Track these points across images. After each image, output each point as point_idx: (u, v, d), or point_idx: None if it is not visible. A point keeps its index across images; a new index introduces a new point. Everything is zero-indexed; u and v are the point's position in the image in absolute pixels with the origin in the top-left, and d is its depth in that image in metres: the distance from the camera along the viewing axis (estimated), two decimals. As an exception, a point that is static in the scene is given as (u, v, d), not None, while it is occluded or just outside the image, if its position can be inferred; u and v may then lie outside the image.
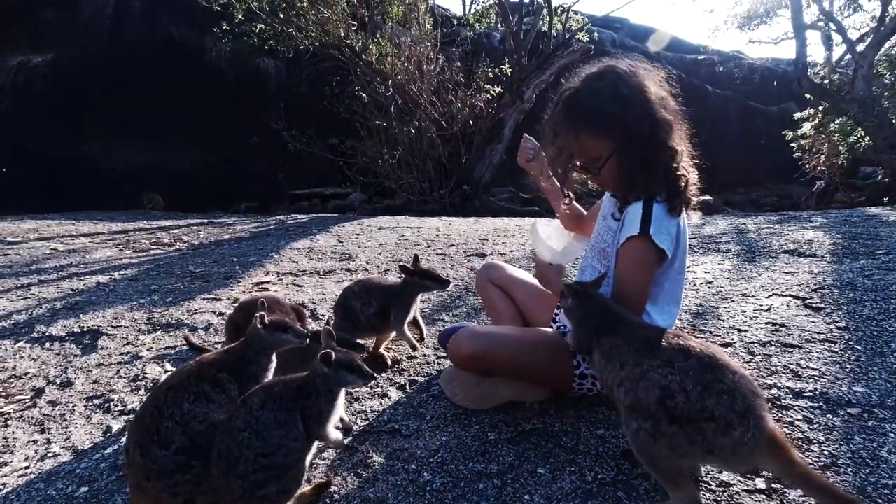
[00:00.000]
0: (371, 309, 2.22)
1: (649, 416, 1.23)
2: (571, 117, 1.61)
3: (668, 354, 1.28)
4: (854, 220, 4.19)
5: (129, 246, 5.53)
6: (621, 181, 1.64)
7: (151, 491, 1.44)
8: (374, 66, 9.87)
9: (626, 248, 1.58)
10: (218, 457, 1.40)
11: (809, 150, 13.13)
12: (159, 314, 3.28)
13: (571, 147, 1.64)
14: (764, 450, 1.17)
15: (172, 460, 1.44)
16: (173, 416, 1.49)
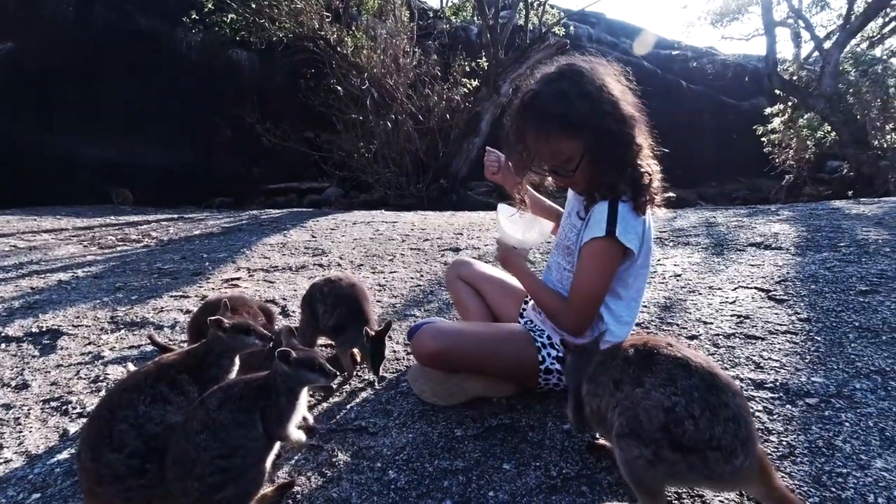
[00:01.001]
0: (330, 321, 2.15)
1: (651, 442, 1.16)
2: (538, 120, 1.57)
3: (669, 370, 1.21)
4: (819, 214, 4.29)
5: (95, 242, 5.37)
6: (593, 181, 1.61)
7: (103, 496, 1.38)
8: (350, 59, 9.76)
9: (589, 247, 1.58)
10: (173, 460, 1.36)
11: (779, 144, 13.46)
12: (124, 312, 3.18)
13: (541, 151, 1.61)
14: (755, 476, 1.17)
15: (125, 464, 1.38)
16: (127, 418, 1.44)
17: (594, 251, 1.57)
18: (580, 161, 1.57)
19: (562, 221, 1.83)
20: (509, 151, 1.71)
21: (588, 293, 1.60)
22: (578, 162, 1.57)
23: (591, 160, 1.57)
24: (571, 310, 1.64)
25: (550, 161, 1.62)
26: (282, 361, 1.44)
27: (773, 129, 13.49)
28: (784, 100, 13.23)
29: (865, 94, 11.81)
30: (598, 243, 1.55)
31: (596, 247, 1.56)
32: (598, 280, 1.58)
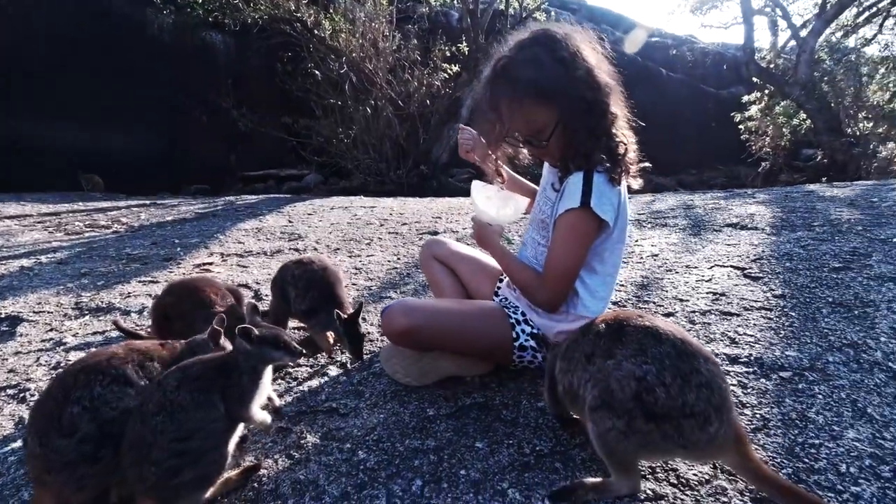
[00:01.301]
0: (302, 305, 2.09)
1: (624, 412, 1.14)
2: (512, 87, 1.50)
3: (639, 340, 1.19)
4: (794, 196, 4.33)
5: (61, 228, 5.18)
6: (567, 151, 1.56)
7: (53, 485, 1.29)
8: (328, 43, 9.56)
9: (564, 219, 1.53)
10: (129, 445, 1.28)
11: (756, 132, 13.64)
12: (89, 298, 3.07)
13: (513, 120, 1.54)
14: (730, 447, 1.15)
15: (77, 450, 1.29)
16: (81, 400, 1.35)
17: (569, 223, 1.52)
18: (553, 130, 1.51)
19: (537, 196, 1.79)
20: (482, 122, 1.63)
21: (563, 267, 1.56)
22: (552, 131, 1.51)
23: (564, 129, 1.51)
24: (546, 285, 1.59)
25: (524, 130, 1.56)
26: (243, 339, 1.37)
27: (750, 116, 13.67)
28: (761, 88, 13.40)
29: (839, 83, 12.02)
30: (572, 215, 1.50)
31: (571, 218, 1.51)
32: (572, 253, 1.54)
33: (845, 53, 12.34)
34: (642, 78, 16.09)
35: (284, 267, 2.24)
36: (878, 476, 1.24)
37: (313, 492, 1.38)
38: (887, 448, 1.32)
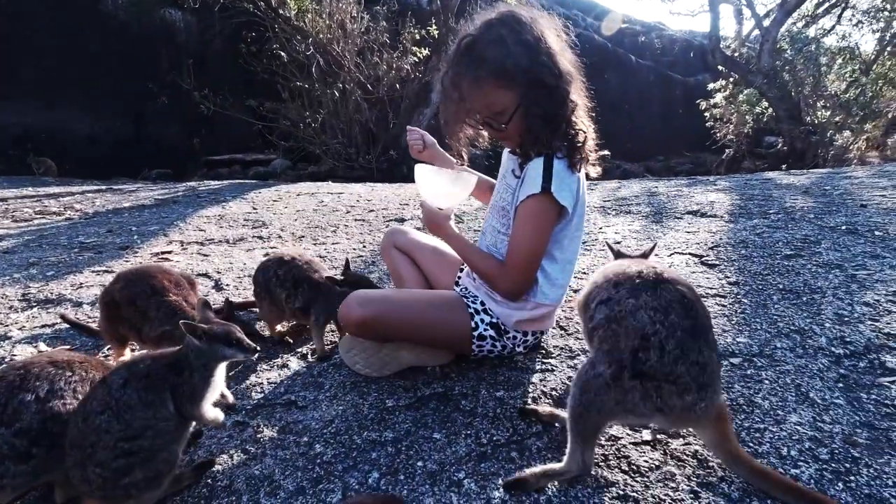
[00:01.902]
0: (298, 303, 2.02)
1: (615, 362, 1.17)
2: (475, 67, 1.48)
3: (668, 302, 1.19)
4: (753, 184, 4.45)
5: (8, 215, 4.94)
6: (526, 136, 1.56)
7: None
8: (293, 23, 9.30)
9: (525, 205, 1.54)
10: (70, 445, 1.23)
11: (720, 119, 13.93)
12: (37, 289, 2.94)
13: (474, 100, 1.53)
14: (709, 422, 1.19)
15: (9, 443, 1.21)
16: (36, 390, 1.27)
17: (530, 210, 1.53)
18: (513, 113, 1.51)
19: (497, 184, 1.77)
20: (444, 100, 1.61)
21: (526, 254, 1.56)
22: (511, 114, 1.51)
23: (524, 113, 1.51)
24: (509, 273, 1.60)
25: (483, 111, 1.55)
26: (192, 336, 1.33)
27: (715, 104, 13.94)
28: (726, 76, 13.66)
29: (799, 72, 12.34)
30: (533, 201, 1.51)
31: (532, 204, 1.52)
32: (535, 239, 1.55)
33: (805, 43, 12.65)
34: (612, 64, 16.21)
35: (264, 268, 2.13)
36: (817, 458, 1.29)
37: (268, 487, 1.37)
38: (826, 431, 1.37)
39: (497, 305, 1.70)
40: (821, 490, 1.20)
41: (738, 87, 13.28)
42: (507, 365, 1.78)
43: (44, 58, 10.46)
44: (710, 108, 14.00)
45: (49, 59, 10.49)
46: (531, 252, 1.56)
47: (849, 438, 1.34)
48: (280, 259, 2.11)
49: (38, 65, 10.43)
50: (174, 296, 1.84)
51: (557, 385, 1.65)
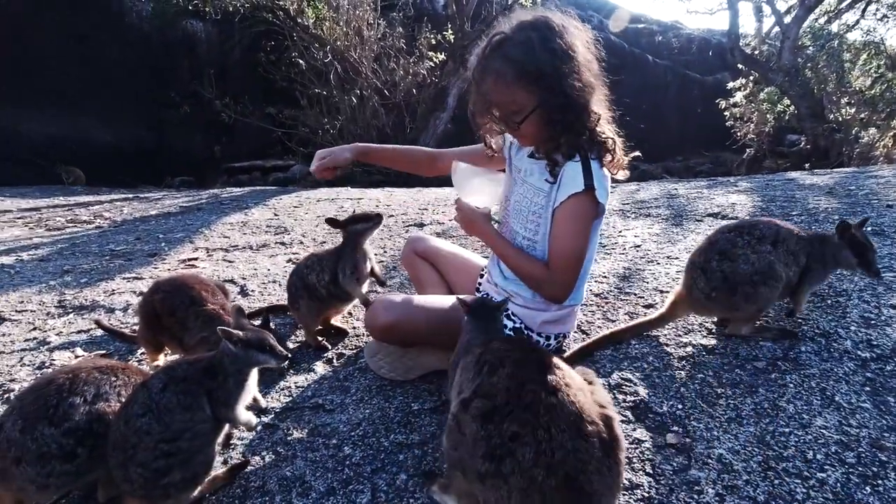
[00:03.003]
0: (326, 276, 2.11)
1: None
2: (500, 64, 1.53)
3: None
4: (774, 185, 4.40)
5: (41, 224, 5.11)
6: (540, 138, 1.60)
7: (18, 479, 1.26)
8: (312, 31, 9.44)
9: (567, 205, 1.56)
10: (113, 446, 1.29)
11: (740, 118, 13.73)
12: (72, 296, 3.05)
13: (494, 95, 1.56)
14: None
15: (58, 442, 1.27)
16: (84, 393, 1.35)
17: (573, 209, 1.56)
18: (528, 115, 1.53)
19: (516, 188, 1.77)
20: (473, 92, 1.64)
21: (571, 255, 1.59)
22: (526, 115, 1.54)
23: (539, 116, 1.54)
24: (555, 276, 1.62)
25: (501, 108, 1.58)
26: (228, 342, 1.39)
27: (735, 103, 13.75)
28: (746, 74, 13.47)
29: (822, 69, 12.11)
30: (576, 200, 1.54)
31: (575, 204, 1.55)
32: (580, 240, 1.58)
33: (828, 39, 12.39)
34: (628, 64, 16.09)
35: (296, 269, 2.25)
36: (843, 462, 1.29)
37: (300, 488, 1.41)
38: (852, 435, 1.37)
39: (521, 308, 1.73)
40: (847, 494, 1.20)
41: (759, 85, 13.09)
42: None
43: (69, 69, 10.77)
44: (730, 108, 13.81)
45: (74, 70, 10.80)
46: (576, 253, 1.59)
47: (876, 442, 1.34)
48: (311, 256, 2.24)
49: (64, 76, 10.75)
50: (211, 304, 1.92)
51: (580, 389, 1.66)
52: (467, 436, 1.07)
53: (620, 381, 1.68)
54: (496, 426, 1.04)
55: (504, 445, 1.01)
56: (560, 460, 0.98)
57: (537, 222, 1.67)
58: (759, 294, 1.73)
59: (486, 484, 1.03)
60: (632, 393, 1.62)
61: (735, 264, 1.75)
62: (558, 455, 0.98)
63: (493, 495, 1.02)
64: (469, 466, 1.06)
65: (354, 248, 2.10)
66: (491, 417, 1.05)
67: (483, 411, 1.07)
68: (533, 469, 0.98)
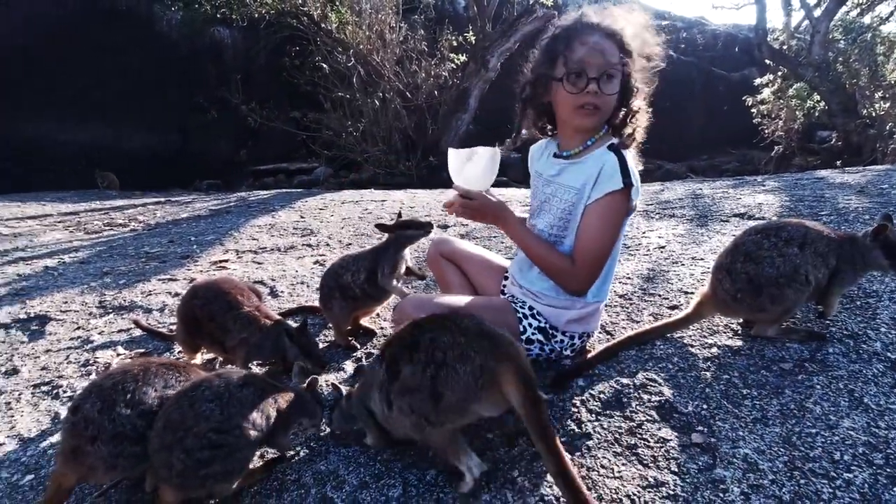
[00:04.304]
0: (361, 276, 2.18)
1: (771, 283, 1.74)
2: (600, 27, 1.60)
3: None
4: (803, 184, 4.32)
5: (80, 227, 5.33)
6: (608, 113, 1.66)
7: (90, 457, 1.35)
8: (335, 35, 9.59)
9: (603, 202, 1.61)
10: (164, 426, 1.35)
11: (768, 115, 13.43)
12: (112, 297, 3.19)
13: (599, 49, 1.57)
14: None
15: (133, 423, 1.38)
16: (154, 384, 1.46)
17: (608, 206, 1.60)
18: (627, 79, 1.61)
19: (540, 189, 1.80)
20: (544, 66, 1.66)
21: (599, 250, 1.64)
22: (627, 78, 1.61)
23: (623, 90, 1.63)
24: (579, 270, 1.66)
25: (605, 66, 1.56)
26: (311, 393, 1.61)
27: (762, 99, 13.44)
28: (774, 70, 13.17)
29: (854, 63, 11.77)
30: (612, 198, 1.59)
31: (610, 201, 1.59)
32: (609, 236, 1.63)
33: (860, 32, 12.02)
34: (652, 62, 15.87)
35: (331, 273, 2.31)
36: (871, 463, 1.29)
37: (334, 481, 1.47)
38: (881, 436, 1.37)
39: (546, 308, 1.77)
40: (875, 495, 1.21)
41: (788, 81, 12.78)
42: (555, 368, 1.83)
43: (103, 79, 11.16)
44: (757, 104, 13.51)
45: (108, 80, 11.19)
46: (604, 249, 1.64)
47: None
48: (344, 258, 2.33)
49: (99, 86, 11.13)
50: (247, 307, 2.02)
51: (605, 388, 1.69)
52: (408, 383, 1.34)
53: (645, 381, 1.70)
54: (421, 344, 1.35)
55: (432, 346, 1.33)
56: (466, 326, 1.36)
57: (567, 219, 1.71)
58: (785, 296, 1.73)
59: (438, 388, 1.29)
60: (657, 393, 1.64)
61: (760, 266, 1.75)
62: (463, 324, 1.36)
63: (450, 388, 1.28)
64: (423, 401, 1.31)
65: (397, 250, 2.16)
66: (412, 350, 1.36)
67: (403, 348, 1.39)
68: (455, 339, 1.32)
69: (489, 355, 1.29)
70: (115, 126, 11.28)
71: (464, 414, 1.32)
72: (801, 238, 1.78)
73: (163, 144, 11.91)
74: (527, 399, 1.25)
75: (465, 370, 1.28)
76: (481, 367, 1.28)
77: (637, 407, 1.59)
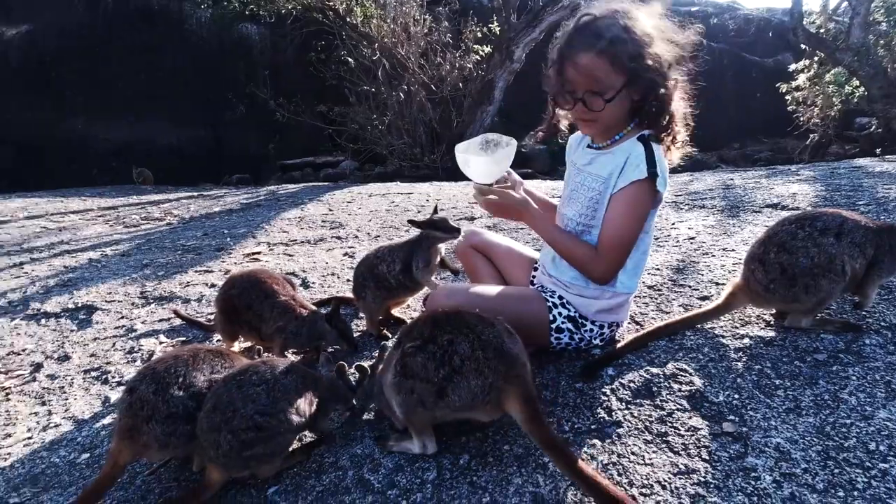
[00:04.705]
0: (396, 267, 2.24)
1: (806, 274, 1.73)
2: (591, 41, 1.54)
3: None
4: (840, 172, 4.21)
5: (120, 221, 5.53)
6: (614, 120, 1.65)
7: (144, 436, 1.44)
8: (360, 29, 9.65)
9: (628, 191, 1.62)
10: (213, 408, 1.43)
11: (804, 102, 12.99)
12: (152, 287, 3.32)
13: (580, 72, 1.56)
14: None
15: (185, 404, 1.46)
16: (203, 369, 1.56)
17: (633, 195, 1.61)
18: (617, 93, 1.56)
19: (571, 179, 1.83)
20: (553, 74, 1.66)
21: (622, 239, 1.65)
22: (615, 94, 1.56)
23: (623, 98, 1.59)
24: (602, 259, 1.68)
25: (584, 86, 1.57)
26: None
27: (797, 86, 12.99)
28: (810, 55, 12.71)
29: (896, 46, 11.29)
30: (636, 187, 1.60)
31: (635, 190, 1.61)
32: (634, 226, 1.64)
33: (904, 13, 11.52)
34: (681, 49, 15.51)
35: (364, 259, 2.39)
36: (908, 454, 1.28)
37: (370, 464, 1.53)
38: (919, 427, 1.36)
39: (576, 297, 1.79)
40: (912, 485, 1.20)
41: (825, 66, 12.32)
42: (585, 358, 1.85)
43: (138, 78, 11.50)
44: (792, 91, 13.07)
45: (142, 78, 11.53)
46: (628, 238, 1.65)
47: (944, 436, 1.32)
48: (379, 248, 2.37)
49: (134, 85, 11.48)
50: (283, 296, 2.10)
51: (635, 377, 1.71)
52: (417, 370, 1.40)
53: (675, 370, 1.71)
54: (435, 345, 1.40)
55: (447, 351, 1.39)
56: (486, 340, 1.40)
57: (594, 208, 1.73)
58: (819, 287, 1.71)
59: (447, 389, 1.36)
60: (687, 383, 1.65)
61: (794, 257, 1.73)
62: (484, 337, 1.41)
63: (457, 394, 1.36)
64: (428, 392, 1.38)
65: (429, 246, 2.20)
66: (425, 346, 1.42)
67: (419, 344, 1.42)
68: (475, 353, 1.38)
69: (501, 376, 1.37)
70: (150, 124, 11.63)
71: (458, 413, 1.42)
72: (837, 228, 1.75)
73: (194, 140, 12.22)
74: (528, 416, 1.35)
75: (476, 383, 1.36)
76: (491, 385, 1.36)
77: (667, 396, 1.61)
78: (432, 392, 1.38)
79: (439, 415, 1.42)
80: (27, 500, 1.62)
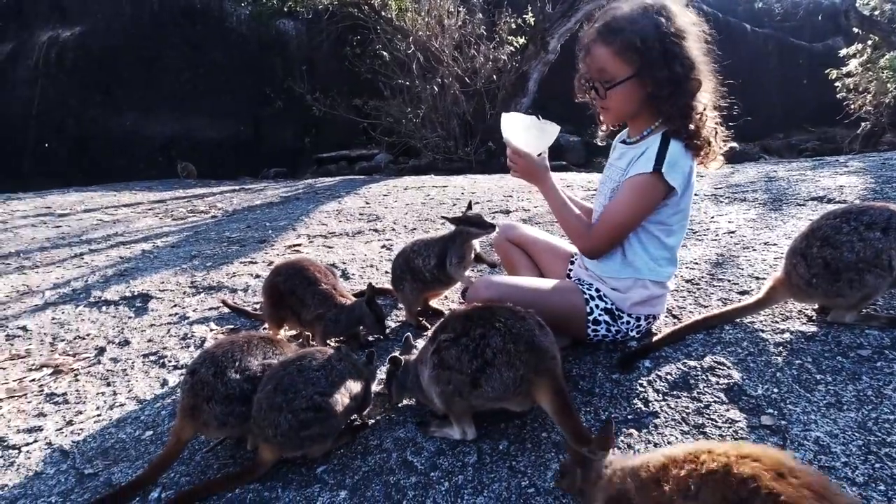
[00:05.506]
0: (432, 261, 2.30)
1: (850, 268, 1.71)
2: (605, 29, 1.65)
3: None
4: (892, 164, 4.04)
5: (168, 214, 5.79)
6: (623, 112, 1.74)
7: (204, 414, 1.56)
8: (395, 23, 9.73)
9: (633, 180, 1.69)
10: (275, 389, 1.53)
11: (855, 88, 12.39)
12: (201, 278, 3.49)
13: (594, 59, 1.67)
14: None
15: (241, 387, 1.57)
16: (256, 354, 1.67)
17: (636, 184, 1.68)
18: (617, 84, 1.64)
19: (606, 171, 1.92)
20: (580, 61, 1.76)
21: (616, 221, 1.73)
22: (615, 84, 1.64)
23: (632, 89, 1.65)
24: (592, 235, 1.78)
25: (595, 74, 1.69)
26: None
27: (848, 72, 12.41)
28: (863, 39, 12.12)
29: (959, 27, 10.64)
30: (641, 178, 1.67)
31: (639, 181, 1.68)
32: (630, 213, 1.71)
33: (967, -7, 10.87)
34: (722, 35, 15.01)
35: (401, 253, 2.47)
36: (953, 451, 1.27)
37: (413, 447, 1.61)
38: (966, 425, 1.34)
39: (612, 290, 1.82)
40: (956, 482, 1.19)
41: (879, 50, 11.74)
42: (622, 350, 1.88)
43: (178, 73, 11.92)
44: (842, 77, 12.49)
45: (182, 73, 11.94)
46: (621, 222, 1.72)
47: None
48: (415, 242, 2.44)
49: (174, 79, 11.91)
50: (324, 285, 2.20)
51: (672, 370, 1.73)
52: (451, 362, 1.48)
53: (713, 363, 1.72)
54: (468, 338, 1.48)
55: (480, 344, 1.46)
56: (517, 333, 1.46)
57: (613, 198, 1.81)
58: (864, 282, 1.69)
59: (480, 380, 1.44)
60: (725, 376, 1.66)
61: (838, 251, 1.71)
62: (515, 330, 1.47)
63: (490, 385, 1.43)
64: (463, 382, 1.46)
65: (463, 242, 2.26)
66: (459, 338, 1.49)
67: (453, 337, 1.51)
68: (506, 346, 1.44)
69: (532, 369, 1.43)
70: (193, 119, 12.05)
71: (492, 403, 1.49)
72: (884, 222, 1.72)
73: (233, 135, 12.59)
74: (558, 407, 1.41)
75: (508, 375, 1.43)
76: (522, 378, 1.43)
77: (704, 388, 1.63)
78: (467, 383, 1.45)
79: (476, 403, 1.49)
80: (100, 472, 1.76)
